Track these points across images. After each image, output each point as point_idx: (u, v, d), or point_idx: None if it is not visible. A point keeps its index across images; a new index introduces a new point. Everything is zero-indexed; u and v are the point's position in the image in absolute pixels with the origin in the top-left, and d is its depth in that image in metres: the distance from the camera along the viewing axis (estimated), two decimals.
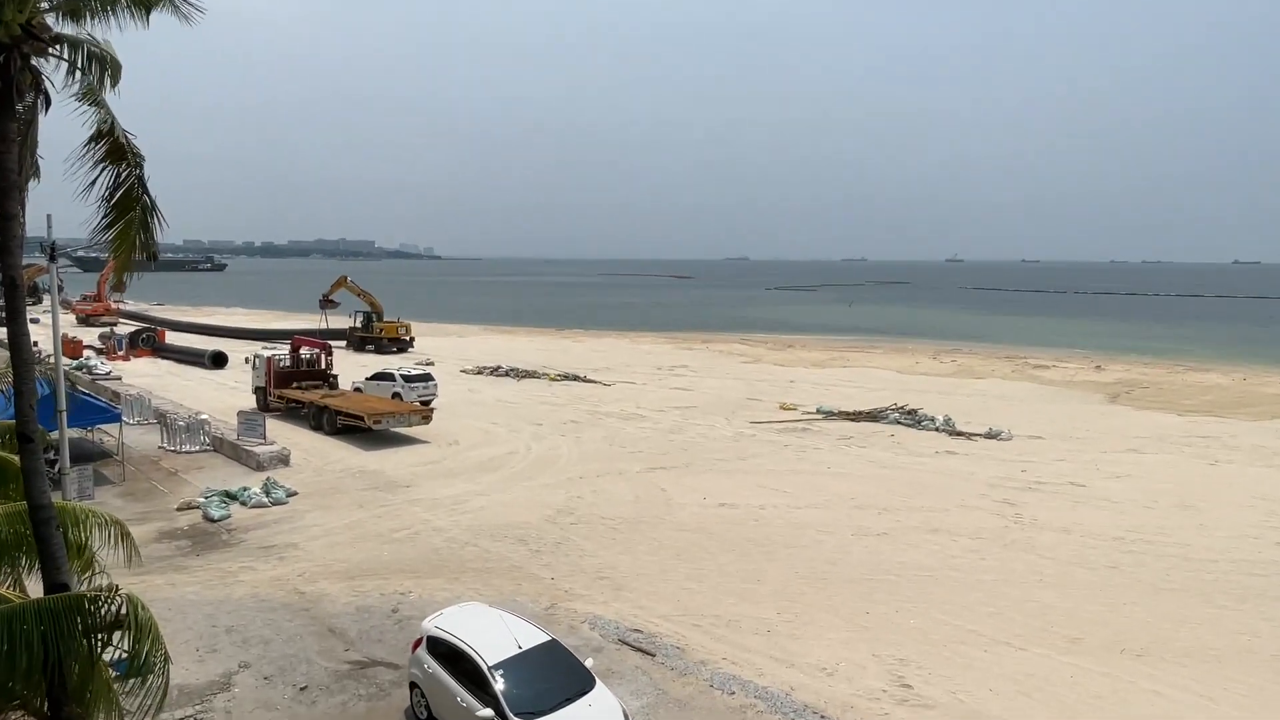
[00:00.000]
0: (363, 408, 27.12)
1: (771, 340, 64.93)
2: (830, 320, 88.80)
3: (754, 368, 47.66)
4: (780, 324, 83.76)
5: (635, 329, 75.77)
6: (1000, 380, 42.79)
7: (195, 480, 21.83)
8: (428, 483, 21.85)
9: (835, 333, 73.77)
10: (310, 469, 23.17)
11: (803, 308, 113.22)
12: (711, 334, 71.21)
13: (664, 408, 33.49)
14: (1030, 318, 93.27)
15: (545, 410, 32.81)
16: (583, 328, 77.03)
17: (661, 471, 23.16)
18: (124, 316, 69.93)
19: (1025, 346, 59.93)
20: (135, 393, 30.92)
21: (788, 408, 33.30)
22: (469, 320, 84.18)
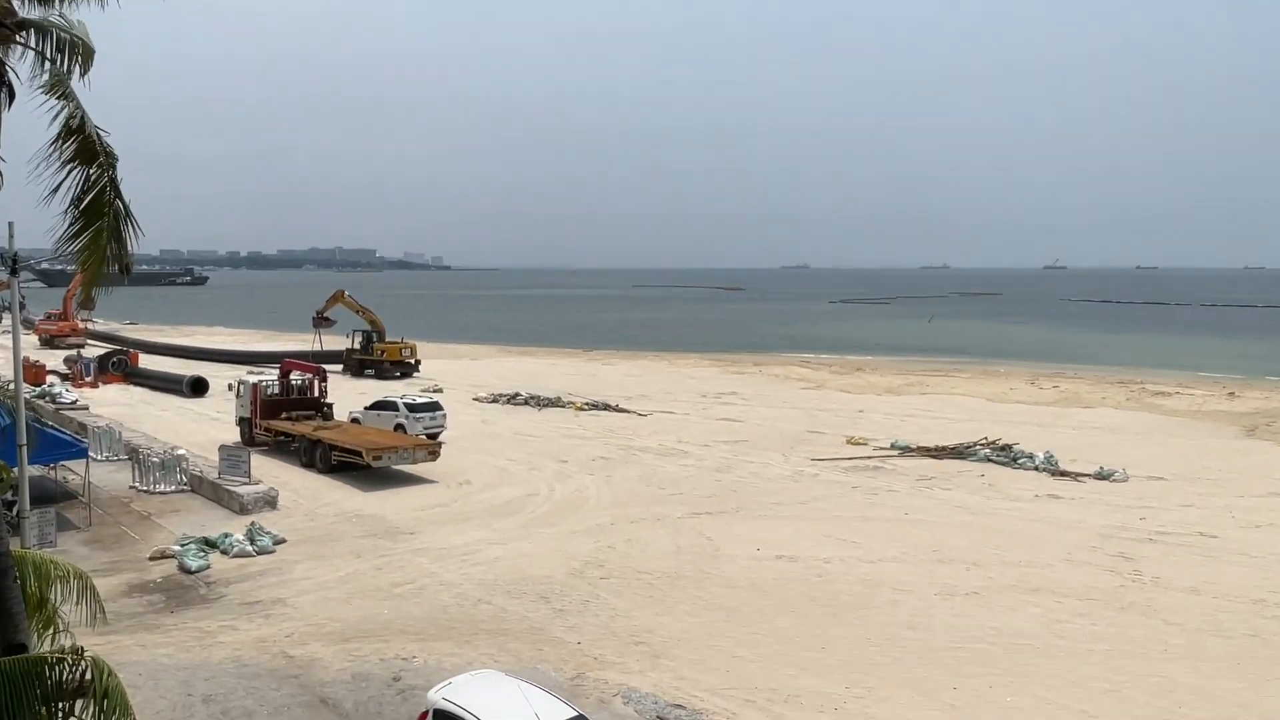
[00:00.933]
0: (361, 442, 27.44)
1: (836, 362, 64.51)
2: (906, 338, 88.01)
3: (816, 395, 47.38)
4: (847, 343, 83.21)
5: (676, 350, 75.82)
6: (1112, 410, 41.97)
7: (170, 525, 22.21)
8: (435, 529, 21.97)
9: (912, 353, 73.07)
10: (301, 513, 23.44)
11: (873, 324, 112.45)
12: (766, 355, 70.99)
13: (710, 442, 33.39)
14: (1148, 334, 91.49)
15: (571, 445, 32.87)
16: (614, 348, 77.29)
17: (707, 517, 23.03)
18: (92, 337, 71.79)
19: (1142, 369, 58.75)
20: (104, 424, 31.66)
21: (856, 442, 33.03)
22: (482, 340, 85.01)
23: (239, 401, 32.87)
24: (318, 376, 33.07)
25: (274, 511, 23.24)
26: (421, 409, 32.81)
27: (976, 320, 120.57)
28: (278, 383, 33.14)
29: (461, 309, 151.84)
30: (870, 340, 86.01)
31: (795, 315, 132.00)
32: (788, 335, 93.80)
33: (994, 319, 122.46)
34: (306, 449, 28.84)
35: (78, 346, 63.44)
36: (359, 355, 54.34)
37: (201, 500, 24.53)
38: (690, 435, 34.81)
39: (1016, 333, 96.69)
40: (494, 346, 78.01)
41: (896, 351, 74.50)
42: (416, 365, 54.44)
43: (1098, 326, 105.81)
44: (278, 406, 31.99)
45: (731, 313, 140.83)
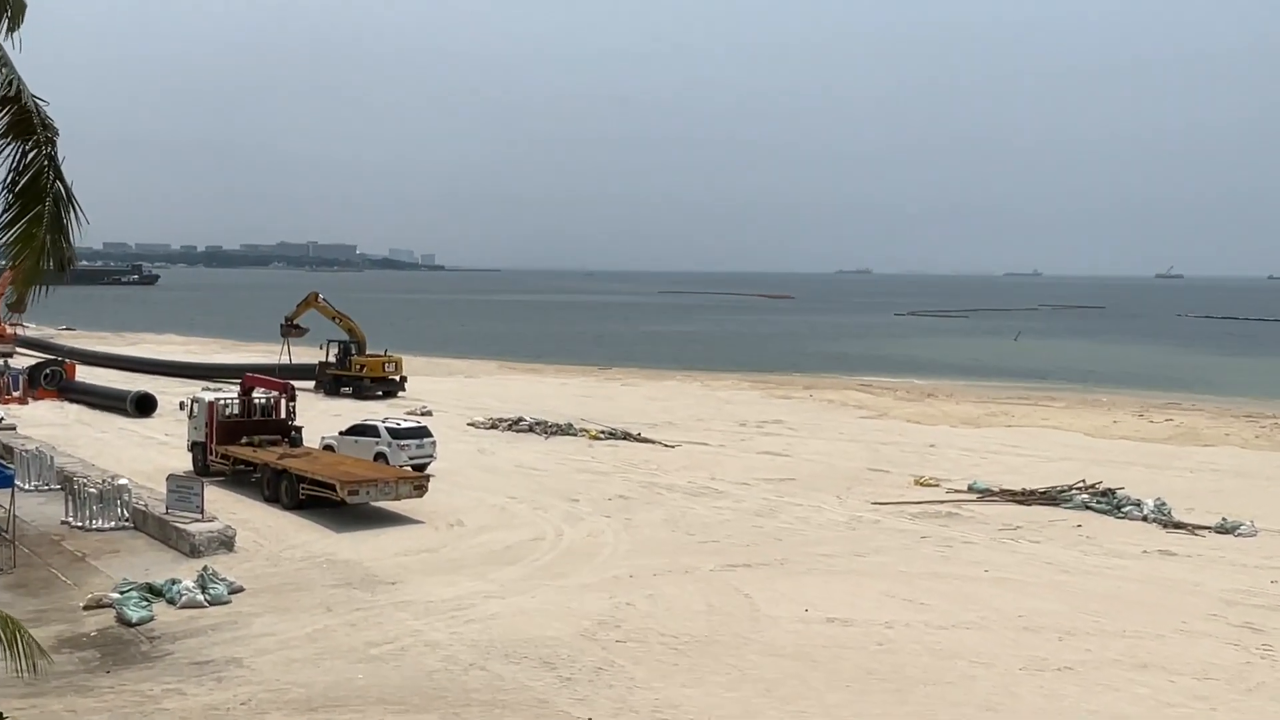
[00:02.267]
0: (334, 473, 27.59)
1: (903, 387, 64.19)
2: (987, 359, 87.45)
3: (878, 425, 47.16)
4: (915, 364, 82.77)
5: (710, 369, 75.72)
6: (1238, 449, 41.43)
7: (109, 568, 22.38)
8: (420, 579, 22.00)
9: (994, 377, 72.54)
10: (262, 556, 23.55)
11: (947, 341, 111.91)
12: (818, 376, 70.73)
13: (750, 479, 33.27)
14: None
15: (584, 481, 32.83)
16: (637, 366, 77.37)
17: (745, 570, 22.92)
18: (22, 345, 72.68)
19: (1275, 401, 57.94)
20: (34, 447, 32.02)
21: (926, 483, 32.86)
22: (480, 354, 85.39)
23: (192, 423, 33.14)
24: (285, 395, 33.31)
25: (230, 554, 23.36)
26: (407, 435, 32.97)
27: (1073, 338, 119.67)
28: (238, 401, 33.43)
29: (456, 317, 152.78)
30: (944, 361, 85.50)
31: (854, 329, 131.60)
32: (844, 353, 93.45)
33: (1094, 337, 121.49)
34: (270, 480, 29.02)
35: (5, 356, 64.15)
36: (334, 370, 54.75)
37: (145, 539, 24.70)
38: (726, 471, 34.68)
39: (1122, 354, 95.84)
40: (493, 362, 78.33)
41: (975, 375, 73.98)
42: (402, 383, 54.75)
43: (1221, 348, 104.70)
44: (237, 429, 32.23)
45: (778, 325, 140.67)
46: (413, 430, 33.51)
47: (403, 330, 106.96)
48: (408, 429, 33.49)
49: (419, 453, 32.70)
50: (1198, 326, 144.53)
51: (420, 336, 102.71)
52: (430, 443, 33.21)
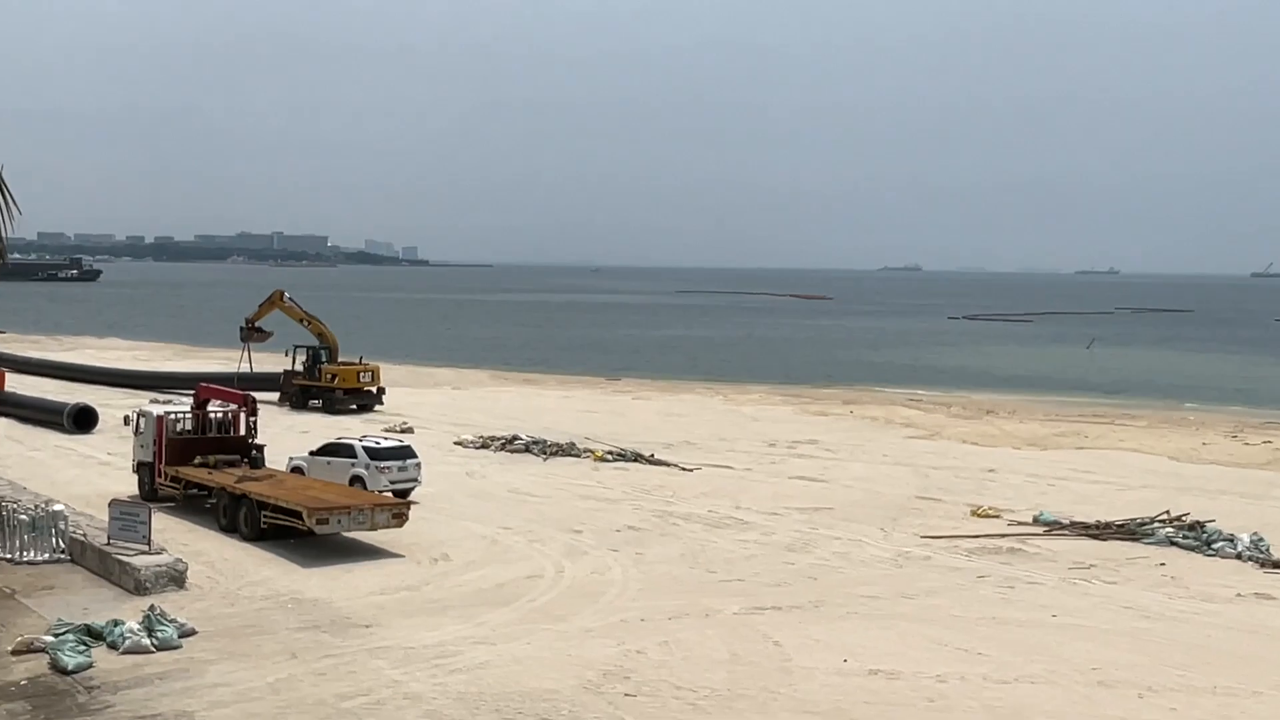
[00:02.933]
0: (301, 499, 27.63)
1: (958, 402, 64.07)
2: (1055, 370, 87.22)
3: (928, 446, 47.07)
4: (972, 375, 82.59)
5: (734, 380, 75.74)
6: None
7: (41, 607, 22.43)
8: (399, 621, 22.00)
9: (1064, 391, 72.40)
10: (217, 594, 23.57)
11: (1009, 348, 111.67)
12: (859, 390, 70.66)
13: (780, 509, 33.21)
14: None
15: (588, 509, 32.80)
16: (649, 376, 77.43)
17: (774, 614, 22.86)
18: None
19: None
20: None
21: (985, 514, 32.78)
22: (469, 362, 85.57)
23: (138, 440, 33.24)
24: (245, 408, 33.39)
25: (181, 592, 23.37)
26: (388, 456, 32.95)
27: (1156, 347, 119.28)
28: (191, 416, 33.52)
29: (441, 319, 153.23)
30: (1005, 372, 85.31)
31: (901, 335, 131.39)
32: (890, 363, 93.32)
33: (1181, 346, 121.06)
34: (228, 507, 29.06)
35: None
36: (302, 380, 54.92)
37: (84, 574, 24.73)
38: (753, 499, 34.62)
39: (1212, 365, 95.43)
40: (484, 371, 78.44)
41: (1042, 388, 73.83)
42: (379, 395, 54.89)
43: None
44: (190, 448, 32.31)
45: (814, 330, 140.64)
46: (394, 450, 33.51)
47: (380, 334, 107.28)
48: (388, 449, 33.51)
49: (401, 476, 32.67)
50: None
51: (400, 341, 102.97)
52: (414, 465, 33.22)
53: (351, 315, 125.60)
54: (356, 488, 31.16)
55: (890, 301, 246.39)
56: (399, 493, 31.88)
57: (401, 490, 32.14)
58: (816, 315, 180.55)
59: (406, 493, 32.26)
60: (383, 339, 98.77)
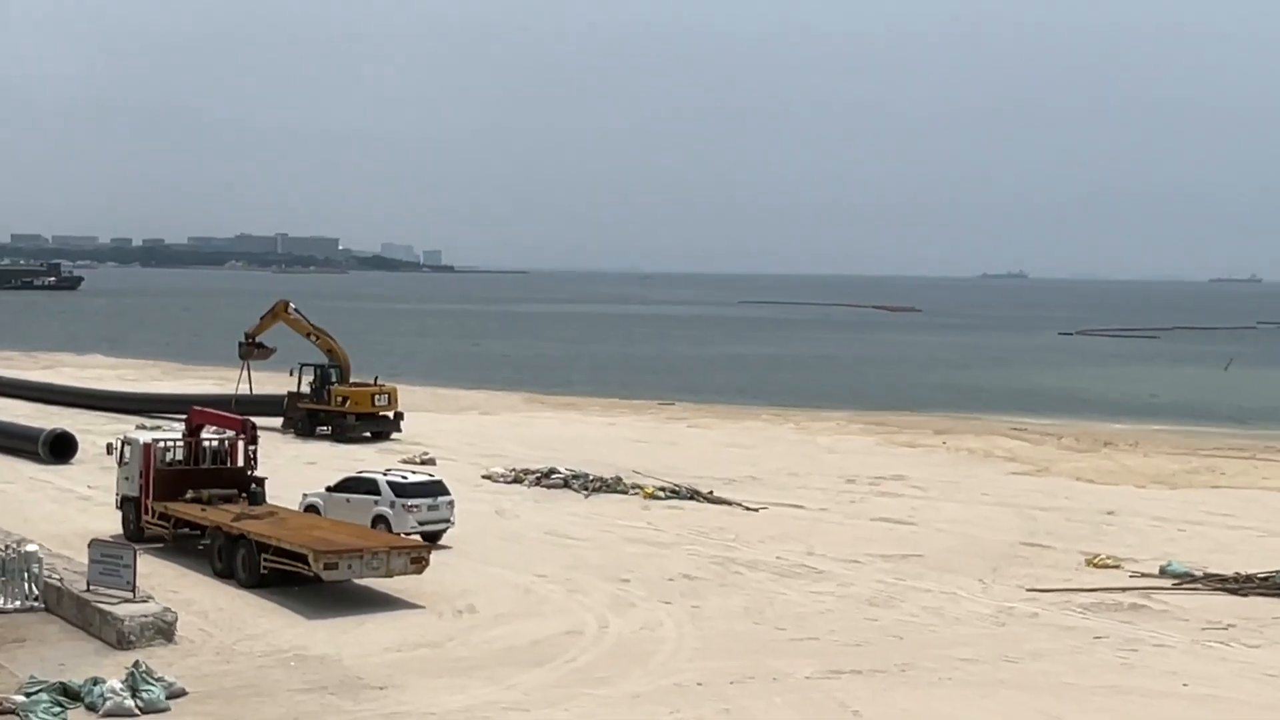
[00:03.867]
0: (306, 540, 27.79)
1: (1070, 431, 63.34)
2: (1187, 395, 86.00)
3: (1035, 483, 46.62)
4: (1086, 401, 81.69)
5: (807, 404, 75.32)
6: None
7: (12, 662, 22.67)
8: (418, 682, 22.05)
9: (1196, 419, 71.33)
10: (210, 649, 23.74)
11: (1131, 369, 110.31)
12: (953, 417, 70.01)
13: (860, 555, 33.02)
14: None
15: (637, 554, 32.76)
16: (707, 400, 77.21)
17: (853, 679, 22.71)
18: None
19: None
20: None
21: (1103, 564, 32.48)
22: (500, 383, 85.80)
23: (122, 472, 33.56)
24: (244, 435, 33.68)
25: (170, 646, 23.56)
26: (416, 492, 32.89)
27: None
28: (182, 444, 33.83)
29: (468, 333, 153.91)
30: (1126, 398, 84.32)
31: (1003, 353, 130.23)
32: (989, 386, 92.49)
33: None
34: (223, 549, 29.27)
35: None
36: (309, 404, 55.24)
37: (60, 625, 24.99)
38: (829, 544, 34.41)
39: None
40: (517, 394, 78.63)
41: (1170, 417, 72.88)
42: (397, 421, 55.11)
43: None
44: (181, 481, 32.58)
45: (900, 347, 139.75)
46: (423, 486, 33.44)
47: (398, 351, 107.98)
48: (417, 484, 33.43)
49: (431, 516, 32.63)
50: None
51: (421, 359, 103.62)
52: (446, 503, 33.17)
53: (365, 329, 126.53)
54: (380, 529, 31.19)
55: (989, 314, 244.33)
56: (429, 535, 31.99)
57: (432, 533, 32.23)
58: (904, 330, 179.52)
59: (438, 535, 32.39)
60: (401, 356, 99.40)
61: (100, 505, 36.24)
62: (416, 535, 31.46)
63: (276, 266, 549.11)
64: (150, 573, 27.26)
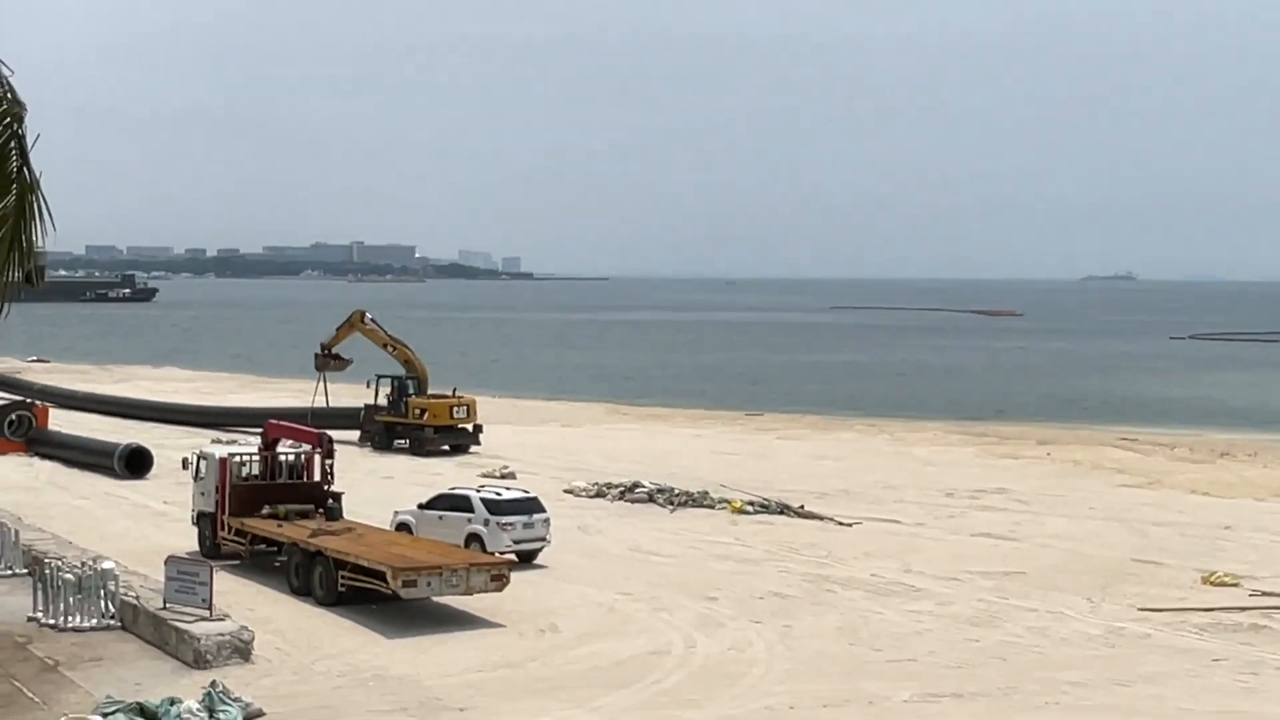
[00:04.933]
0: (384, 557, 28.04)
1: (1183, 440, 62.38)
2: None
3: (1146, 497, 46.07)
4: (1202, 410, 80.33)
5: (901, 414, 74.79)
6: None
7: (88, 682, 23.08)
8: (499, 704, 22.15)
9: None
10: (288, 669, 24.02)
11: (1249, 375, 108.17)
12: (1058, 428, 69.24)
13: (960, 573, 32.77)
14: None
15: (725, 571, 32.70)
16: (797, 411, 76.91)
17: (954, 703, 22.51)
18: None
19: None
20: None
21: (1220, 582, 32.00)
22: (582, 394, 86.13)
23: (197, 487, 34.06)
24: (320, 449, 34.05)
25: (247, 665, 23.85)
26: (511, 509, 32.89)
27: None
28: (258, 458, 34.30)
29: (549, 342, 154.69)
30: (1245, 405, 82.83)
31: (1110, 360, 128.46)
32: (1095, 394, 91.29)
33: None
34: (300, 565, 29.64)
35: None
36: (386, 416, 55.73)
37: (137, 644, 25.39)
38: (926, 561, 34.22)
39: None
40: (600, 405, 78.85)
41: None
42: (476, 434, 55.47)
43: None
44: (258, 496, 33.01)
45: (1000, 354, 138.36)
46: (519, 503, 33.44)
47: (477, 362, 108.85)
48: (512, 501, 33.46)
49: (527, 535, 32.68)
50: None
51: (500, 370, 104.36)
52: (543, 521, 33.20)
53: (443, 339, 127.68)
54: (473, 549, 31.32)
55: (1095, 318, 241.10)
56: (524, 554, 32.13)
57: (528, 552, 32.36)
58: (1004, 335, 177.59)
59: (534, 554, 32.49)
60: (480, 367, 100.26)
61: (176, 521, 36.85)
62: (512, 554, 31.59)
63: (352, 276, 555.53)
64: (226, 590, 27.62)
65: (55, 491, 44.42)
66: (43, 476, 47.81)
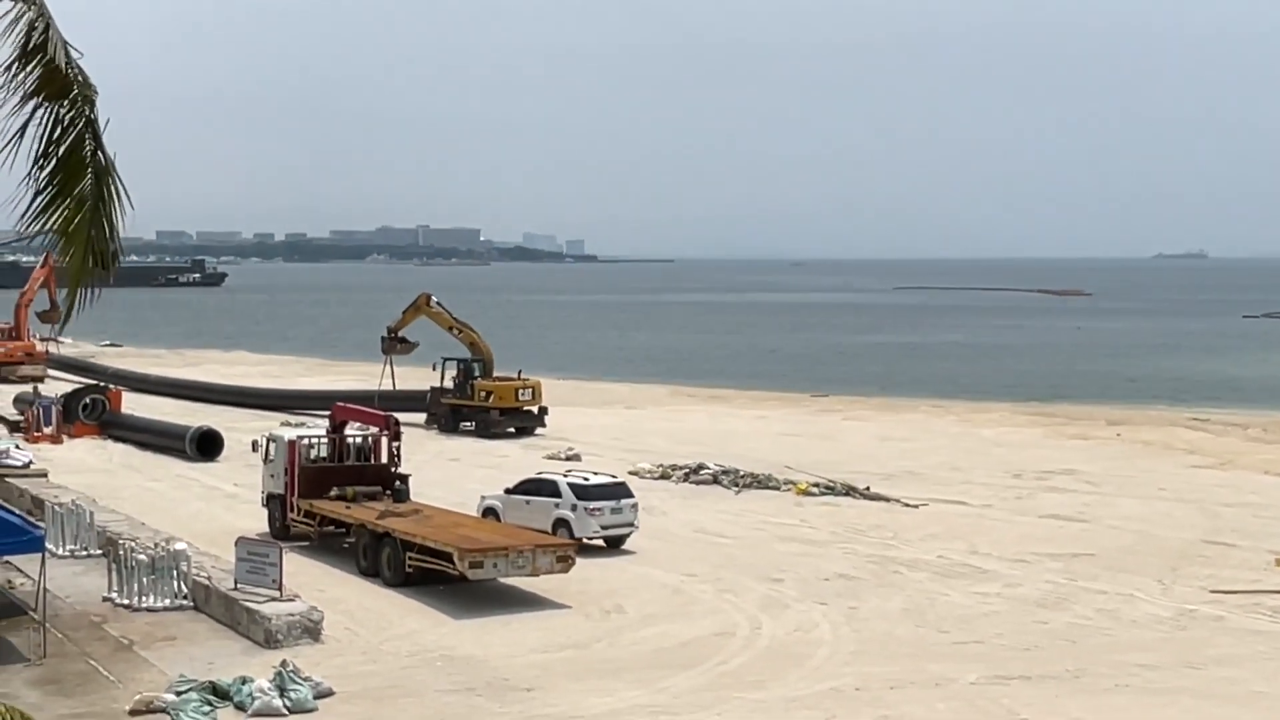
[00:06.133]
0: (451, 538, 28.26)
1: (1257, 421, 61.49)
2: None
3: (1219, 478, 45.55)
4: (1273, 388, 79.06)
5: (970, 396, 74.26)
6: None
7: (162, 661, 23.47)
8: (565, 685, 22.27)
9: None
10: (357, 649, 24.30)
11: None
12: (1126, 408, 68.51)
13: (1028, 554, 32.56)
14: None
15: (790, 553, 32.68)
16: (861, 393, 76.54)
17: (1022, 685, 22.38)
18: (56, 366, 77.54)
19: None
20: (69, 501, 33.80)
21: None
22: (646, 376, 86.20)
23: (267, 469, 34.52)
24: (387, 432, 34.31)
25: (316, 645, 24.17)
26: (599, 495, 32.76)
27: None
28: (326, 441, 34.65)
29: (613, 324, 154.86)
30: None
31: (1181, 339, 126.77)
32: (1166, 374, 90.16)
33: None
34: (368, 547, 29.94)
35: (34, 380, 68.15)
36: (452, 399, 56.04)
37: (208, 623, 25.83)
38: (994, 543, 34.03)
39: None
40: (664, 387, 78.86)
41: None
42: (541, 416, 55.65)
43: None
44: (325, 478, 33.33)
45: (1067, 333, 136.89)
46: (606, 489, 33.38)
47: (541, 344, 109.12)
48: (599, 486, 33.40)
49: (615, 520, 32.64)
50: None
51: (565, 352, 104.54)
52: (630, 506, 33.11)
53: (508, 322, 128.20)
54: (560, 534, 31.38)
55: (1166, 297, 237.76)
56: (612, 540, 32.27)
57: (616, 537, 32.44)
58: (1072, 315, 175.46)
59: (621, 540, 32.55)
60: (544, 349, 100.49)
61: (246, 503, 37.31)
62: (599, 540, 31.80)
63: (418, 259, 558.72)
64: (296, 571, 27.90)
65: (128, 474, 45.11)
66: (116, 459, 48.56)
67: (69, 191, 10.04)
